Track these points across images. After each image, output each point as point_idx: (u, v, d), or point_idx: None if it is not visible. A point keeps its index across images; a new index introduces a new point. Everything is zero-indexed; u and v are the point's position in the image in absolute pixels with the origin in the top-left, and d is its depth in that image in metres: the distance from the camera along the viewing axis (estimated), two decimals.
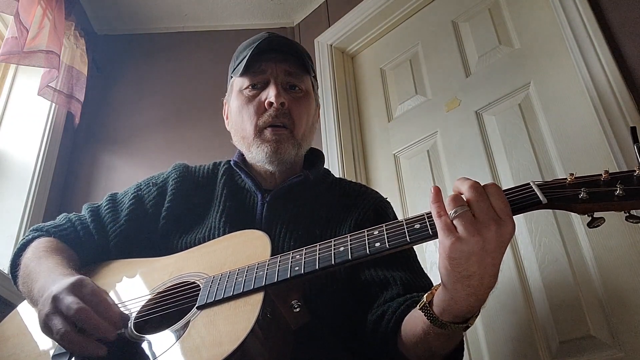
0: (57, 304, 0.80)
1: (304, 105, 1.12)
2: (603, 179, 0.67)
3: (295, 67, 1.12)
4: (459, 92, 1.85)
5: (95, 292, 0.83)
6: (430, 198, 0.70)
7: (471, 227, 0.65)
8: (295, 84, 1.11)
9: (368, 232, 0.78)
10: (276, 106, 1.06)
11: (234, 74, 1.15)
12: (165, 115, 2.37)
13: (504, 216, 0.66)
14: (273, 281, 0.79)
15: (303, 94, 1.13)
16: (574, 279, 1.34)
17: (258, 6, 2.52)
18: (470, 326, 0.74)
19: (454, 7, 2.01)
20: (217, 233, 1.03)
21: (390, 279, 0.98)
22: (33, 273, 0.96)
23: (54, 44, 1.96)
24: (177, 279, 0.93)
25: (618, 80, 1.41)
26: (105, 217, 1.12)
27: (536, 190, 0.69)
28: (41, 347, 0.90)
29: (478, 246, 0.65)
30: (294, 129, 1.08)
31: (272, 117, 1.07)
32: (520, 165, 1.57)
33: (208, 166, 1.21)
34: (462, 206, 0.66)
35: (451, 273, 0.68)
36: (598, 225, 0.68)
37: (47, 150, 2.06)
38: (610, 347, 1.24)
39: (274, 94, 1.06)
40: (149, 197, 1.14)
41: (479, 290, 0.69)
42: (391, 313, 0.89)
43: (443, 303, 0.72)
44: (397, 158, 1.97)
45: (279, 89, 1.08)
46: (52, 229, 1.10)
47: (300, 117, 1.10)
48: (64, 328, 0.78)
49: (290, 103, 1.08)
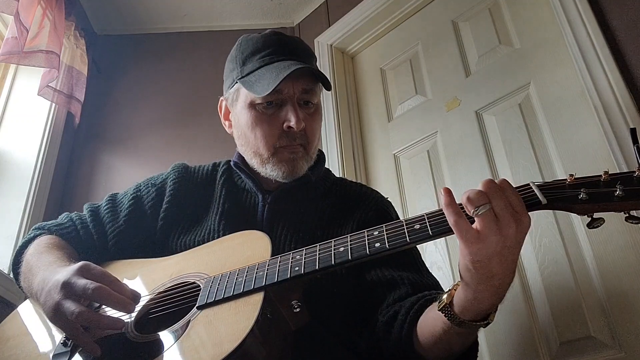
0: (69, 289, 0.81)
1: (317, 121, 1.10)
2: (603, 180, 0.67)
3: (310, 82, 1.06)
4: (459, 92, 1.85)
5: (104, 272, 0.85)
6: (443, 201, 0.68)
7: (494, 226, 0.64)
8: (309, 100, 1.07)
9: (368, 233, 0.78)
10: (296, 130, 1.02)
11: (245, 87, 1.05)
12: (165, 115, 2.37)
13: (520, 211, 0.65)
14: (273, 281, 0.79)
15: (315, 108, 1.09)
16: (574, 279, 1.34)
17: (258, 6, 2.52)
18: (491, 322, 0.74)
19: (454, 7, 2.01)
20: (215, 235, 1.03)
21: (398, 278, 0.98)
22: (34, 268, 0.97)
23: (54, 44, 1.96)
24: (177, 279, 0.93)
25: (618, 80, 1.40)
26: (105, 217, 1.12)
27: (536, 191, 0.69)
28: (41, 348, 0.90)
29: (500, 245, 0.65)
30: (307, 146, 1.07)
31: (290, 140, 1.04)
32: (520, 165, 1.57)
33: (207, 167, 1.21)
34: (485, 205, 0.65)
35: (475, 275, 0.68)
36: (598, 226, 0.68)
37: (47, 150, 2.06)
38: (610, 348, 1.23)
39: (294, 120, 1.01)
40: (148, 197, 1.14)
41: (501, 289, 0.70)
42: (404, 313, 0.88)
43: (465, 303, 0.72)
44: (397, 158, 1.97)
45: (298, 113, 1.02)
46: (54, 227, 1.11)
47: (314, 135, 1.08)
48: (79, 308, 0.79)
49: (306, 122, 1.05)
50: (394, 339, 0.88)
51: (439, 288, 1.00)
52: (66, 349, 0.86)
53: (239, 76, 1.08)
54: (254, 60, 1.06)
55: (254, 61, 1.06)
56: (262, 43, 1.07)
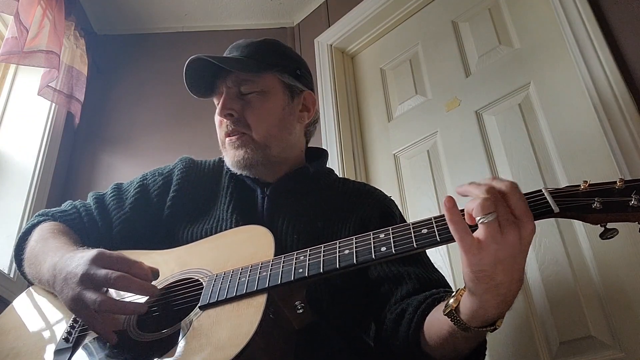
0: (91, 280, 0.81)
1: (256, 107, 1.09)
2: (617, 187, 0.64)
3: (244, 73, 1.09)
4: (459, 92, 1.85)
5: (120, 258, 0.85)
6: (447, 217, 0.66)
7: (497, 235, 0.63)
8: (249, 90, 1.09)
9: (374, 235, 0.77)
10: (222, 119, 1.10)
11: None
12: (165, 115, 2.37)
13: (523, 217, 0.63)
14: (276, 283, 0.78)
15: (258, 94, 1.09)
16: (574, 279, 1.34)
17: (258, 6, 2.52)
18: (498, 328, 0.73)
19: (454, 7, 2.01)
20: (225, 224, 1.04)
21: (405, 273, 0.97)
22: (40, 254, 0.97)
23: (54, 44, 1.96)
24: (179, 274, 0.93)
25: (618, 80, 1.41)
26: (110, 204, 1.12)
27: (548, 198, 0.66)
28: (42, 339, 0.91)
29: (502, 254, 0.63)
30: (252, 132, 1.08)
31: (228, 128, 1.09)
32: (520, 165, 1.57)
33: (214, 160, 1.22)
34: (492, 214, 0.62)
35: (479, 285, 0.67)
36: (611, 237, 0.65)
37: (47, 150, 2.05)
38: (610, 348, 1.24)
39: (218, 109, 1.09)
40: (155, 186, 1.15)
41: (508, 297, 0.68)
42: (412, 312, 0.88)
43: (472, 311, 0.71)
44: (397, 158, 1.97)
45: (225, 102, 1.08)
46: (58, 213, 1.11)
47: (257, 119, 1.08)
48: (100, 297, 0.80)
49: (243, 109, 1.08)
50: (401, 338, 0.88)
51: (445, 283, 1.00)
52: (68, 345, 0.86)
53: None
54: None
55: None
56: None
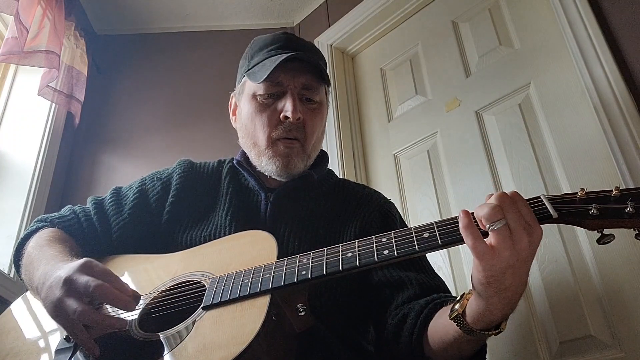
0: (71, 285, 0.80)
1: (317, 118, 1.11)
2: (613, 196, 0.66)
3: (313, 80, 1.08)
4: (459, 92, 1.85)
5: (106, 270, 0.84)
6: (461, 223, 0.68)
7: (509, 241, 0.65)
8: (310, 97, 1.09)
9: (376, 239, 0.78)
10: (292, 121, 1.04)
11: (249, 78, 1.10)
12: (165, 116, 2.37)
13: (532, 224, 0.65)
14: (280, 284, 0.78)
15: (317, 105, 1.11)
16: (574, 278, 1.35)
17: (258, 6, 2.52)
18: (502, 331, 0.74)
19: (454, 7, 2.01)
20: (223, 231, 1.03)
21: (405, 279, 0.98)
22: (35, 261, 0.97)
23: (54, 44, 1.96)
24: (182, 277, 0.93)
25: (618, 80, 1.41)
26: (109, 210, 1.12)
27: (547, 205, 0.68)
28: (42, 339, 0.90)
29: (513, 259, 0.65)
30: (305, 142, 1.08)
31: (287, 131, 1.06)
32: (520, 165, 1.58)
33: (213, 163, 1.21)
34: (501, 220, 0.65)
35: (488, 289, 0.69)
36: (608, 242, 0.67)
37: (47, 151, 2.06)
38: (610, 347, 1.24)
39: (291, 109, 1.04)
40: (153, 191, 1.14)
41: (513, 300, 0.70)
42: (414, 317, 0.88)
43: (478, 314, 0.72)
44: (397, 158, 1.97)
45: (296, 103, 1.05)
46: (56, 219, 1.10)
47: (313, 130, 1.09)
48: (81, 307, 0.78)
49: (305, 116, 1.07)
50: (403, 343, 0.89)
51: (445, 289, 1.01)
52: (69, 344, 0.86)
53: (245, 70, 1.13)
54: (260, 54, 1.10)
55: (260, 55, 1.10)
56: (270, 39, 1.12)
